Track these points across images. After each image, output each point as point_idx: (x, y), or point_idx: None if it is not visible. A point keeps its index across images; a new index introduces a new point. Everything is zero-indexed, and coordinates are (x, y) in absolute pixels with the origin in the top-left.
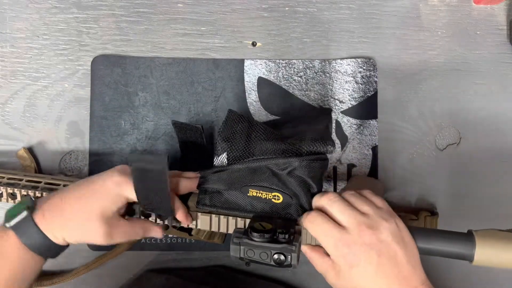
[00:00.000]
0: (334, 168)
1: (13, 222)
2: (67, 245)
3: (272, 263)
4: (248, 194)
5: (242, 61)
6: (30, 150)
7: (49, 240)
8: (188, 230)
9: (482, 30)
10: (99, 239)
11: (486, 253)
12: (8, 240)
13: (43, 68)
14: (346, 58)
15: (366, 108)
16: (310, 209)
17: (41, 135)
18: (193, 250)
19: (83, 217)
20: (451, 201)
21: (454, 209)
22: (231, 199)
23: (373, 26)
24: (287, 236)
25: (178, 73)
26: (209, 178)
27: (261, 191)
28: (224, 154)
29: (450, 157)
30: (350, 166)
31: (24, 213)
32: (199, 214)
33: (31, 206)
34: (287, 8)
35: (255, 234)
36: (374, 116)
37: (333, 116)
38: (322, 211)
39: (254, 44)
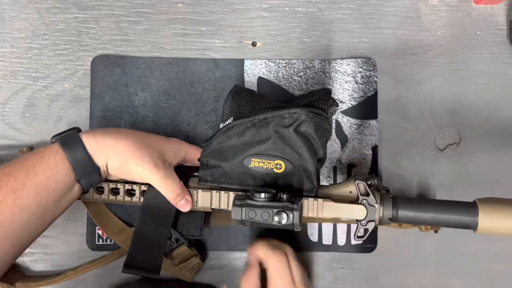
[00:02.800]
0: (334, 168)
1: (60, 136)
2: (101, 179)
3: (274, 222)
4: (249, 166)
5: (242, 61)
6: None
7: (89, 157)
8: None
9: (482, 30)
10: (146, 167)
11: (489, 222)
12: (51, 148)
13: (43, 68)
14: (346, 58)
15: (366, 108)
16: (316, 174)
17: (41, 135)
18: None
19: (142, 145)
20: None
21: None
22: (233, 172)
23: (373, 26)
24: (288, 196)
25: (178, 73)
26: (213, 142)
27: (263, 160)
28: (231, 118)
29: (450, 157)
30: (350, 166)
31: (71, 130)
32: (199, 191)
33: (79, 128)
34: (287, 8)
35: (257, 194)
36: (374, 116)
37: (333, 116)
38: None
39: (254, 44)
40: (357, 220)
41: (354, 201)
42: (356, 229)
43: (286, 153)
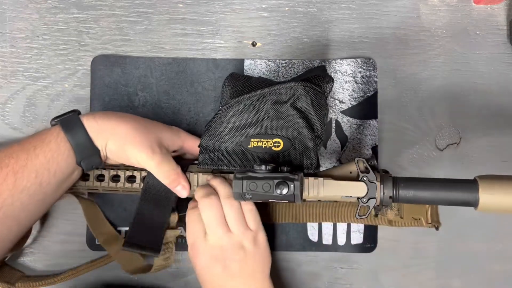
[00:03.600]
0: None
1: (60, 118)
2: (101, 162)
3: (275, 193)
4: (248, 146)
5: (242, 61)
6: None
7: (90, 140)
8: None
9: (482, 30)
10: (144, 152)
11: (490, 198)
12: (52, 130)
13: (43, 68)
14: (346, 58)
15: (366, 108)
16: (314, 150)
17: None
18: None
19: (141, 130)
20: None
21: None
22: (232, 154)
23: (373, 26)
24: (289, 168)
25: (178, 73)
26: (213, 124)
27: (261, 139)
28: (229, 100)
29: (450, 157)
30: None
31: (71, 112)
32: (199, 175)
33: (79, 111)
34: (287, 8)
35: (257, 167)
36: (374, 116)
37: (333, 116)
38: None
39: (254, 44)
40: (358, 198)
41: (355, 180)
42: (358, 208)
43: (284, 130)
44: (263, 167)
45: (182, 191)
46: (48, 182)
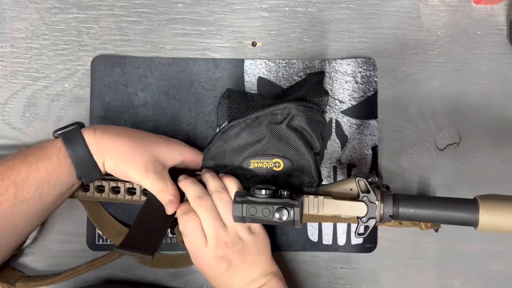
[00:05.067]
0: (334, 168)
1: (62, 131)
2: (101, 175)
3: (275, 219)
4: (250, 167)
5: (242, 61)
6: None
7: (91, 156)
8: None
9: (482, 30)
10: (138, 171)
11: (490, 218)
12: (54, 144)
13: (43, 68)
14: (346, 58)
15: (366, 108)
16: (315, 167)
17: (41, 135)
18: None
19: (137, 148)
20: None
21: None
22: (234, 175)
23: (373, 26)
24: (289, 192)
25: (178, 73)
26: (212, 147)
27: (261, 160)
28: (225, 122)
29: (450, 157)
30: (350, 166)
31: (73, 126)
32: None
33: (82, 124)
34: (287, 8)
35: (257, 191)
36: (374, 116)
37: (333, 116)
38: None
39: (254, 44)
40: (358, 217)
41: (355, 198)
42: (357, 227)
43: (282, 151)
44: (263, 191)
45: (168, 207)
46: (48, 194)
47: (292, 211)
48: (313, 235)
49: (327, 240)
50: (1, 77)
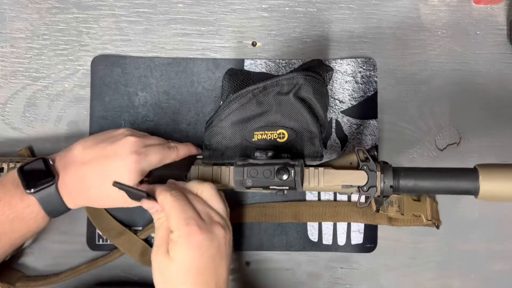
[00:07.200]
0: None
1: (38, 191)
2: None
3: (276, 179)
4: (252, 140)
5: (242, 61)
6: (30, 150)
7: (66, 206)
8: None
9: (482, 30)
10: (117, 204)
11: (491, 186)
12: (30, 207)
13: (43, 68)
14: (346, 58)
15: (366, 108)
16: (320, 137)
17: (41, 135)
18: None
19: (104, 187)
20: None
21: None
22: (236, 148)
23: (373, 26)
24: (289, 155)
25: (178, 73)
26: (214, 120)
27: (265, 132)
28: (231, 95)
29: (450, 157)
30: None
31: (49, 184)
32: (200, 167)
33: (53, 174)
34: (287, 8)
35: (258, 153)
36: (374, 116)
37: (333, 116)
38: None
39: (254, 44)
40: (359, 187)
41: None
42: (359, 196)
43: (287, 121)
44: (264, 154)
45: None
46: (25, 239)
47: (292, 171)
48: (313, 235)
49: (327, 240)
50: (1, 77)
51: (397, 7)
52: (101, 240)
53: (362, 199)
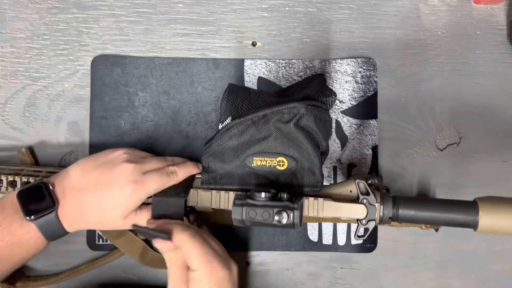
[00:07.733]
0: (334, 168)
1: (38, 218)
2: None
3: (274, 222)
4: (252, 165)
5: (242, 61)
6: (30, 150)
7: (66, 231)
8: None
9: (482, 30)
10: (116, 228)
11: (490, 221)
12: (30, 233)
13: (43, 68)
14: (346, 58)
15: (366, 108)
16: (320, 167)
17: (41, 135)
18: None
19: (102, 214)
20: None
21: None
22: (235, 173)
23: (373, 26)
24: (289, 195)
25: (178, 73)
26: (213, 144)
27: (265, 158)
28: (229, 118)
29: (450, 157)
30: (350, 166)
31: (50, 211)
32: (199, 191)
33: (54, 201)
34: (287, 8)
35: (257, 194)
36: (374, 116)
37: (333, 116)
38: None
39: (254, 44)
40: (358, 220)
41: (355, 200)
42: (357, 229)
43: (288, 149)
44: (263, 194)
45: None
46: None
47: (291, 214)
48: (313, 235)
49: (327, 240)
50: (1, 77)
51: (397, 7)
52: (101, 240)
53: (361, 231)
